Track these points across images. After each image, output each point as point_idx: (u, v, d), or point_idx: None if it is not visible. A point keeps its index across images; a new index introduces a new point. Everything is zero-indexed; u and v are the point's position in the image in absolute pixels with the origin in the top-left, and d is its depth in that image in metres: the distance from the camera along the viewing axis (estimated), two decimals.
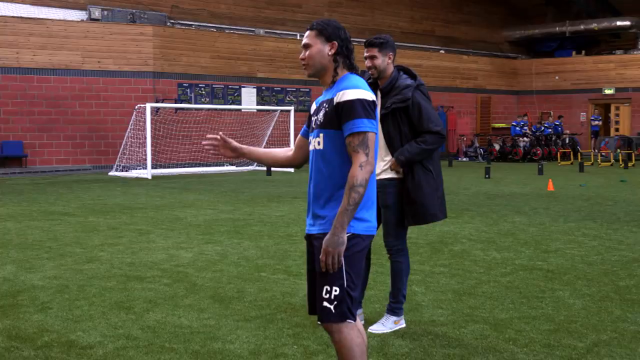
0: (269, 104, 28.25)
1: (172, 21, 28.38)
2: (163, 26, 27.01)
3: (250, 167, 25.83)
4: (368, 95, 3.62)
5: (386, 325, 5.51)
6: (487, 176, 21.30)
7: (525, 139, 31.83)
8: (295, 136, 22.61)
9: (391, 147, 5.45)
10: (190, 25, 28.78)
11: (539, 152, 31.06)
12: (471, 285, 6.97)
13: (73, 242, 9.56)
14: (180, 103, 26.12)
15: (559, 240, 9.69)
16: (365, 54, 5.55)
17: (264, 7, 31.36)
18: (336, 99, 3.62)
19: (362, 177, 3.54)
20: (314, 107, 3.92)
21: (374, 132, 3.62)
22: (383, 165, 5.51)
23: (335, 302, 3.59)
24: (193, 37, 27.08)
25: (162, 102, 25.35)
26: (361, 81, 3.68)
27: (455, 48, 37.59)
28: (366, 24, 34.69)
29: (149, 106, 22.39)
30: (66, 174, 23.39)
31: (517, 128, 32.93)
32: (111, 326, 5.61)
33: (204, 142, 4.10)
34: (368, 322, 5.71)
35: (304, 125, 4.06)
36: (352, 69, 3.76)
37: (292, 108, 25.99)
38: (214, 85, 27.23)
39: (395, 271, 5.58)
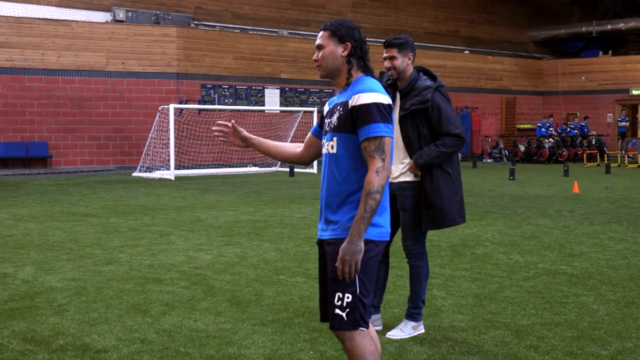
0: (292, 105, 28.21)
1: (195, 22, 28.43)
2: (187, 27, 27.07)
3: (273, 168, 25.81)
4: (384, 98, 3.53)
5: (404, 330, 5.42)
6: (511, 178, 21.08)
7: (550, 140, 31.51)
8: None
9: (409, 149, 5.35)
10: (214, 26, 28.82)
11: (564, 153, 30.73)
12: (493, 290, 6.85)
13: (93, 244, 9.55)
14: (204, 104, 26.15)
15: (584, 243, 9.53)
16: (385, 55, 5.43)
17: (287, 8, 31.32)
18: (351, 102, 3.53)
19: (379, 183, 3.45)
20: (326, 108, 3.84)
21: (391, 136, 3.53)
22: (402, 168, 5.41)
23: (348, 309, 3.51)
24: (216, 38, 27.11)
25: (185, 103, 25.40)
26: (377, 84, 3.59)
27: (480, 48, 37.33)
28: (390, 25, 34.56)
29: (172, 107, 22.43)
30: (90, 174, 23.51)
31: (543, 129, 32.62)
32: (127, 329, 5.57)
33: (214, 128, 4.03)
34: (387, 328, 5.62)
35: (315, 124, 3.98)
36: (367, 70, 3.66)
37: (315, 109, 25.93)
38: (237, 86, 27.25)
39: (414, 276, 5.48)
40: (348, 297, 3.51)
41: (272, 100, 28.09)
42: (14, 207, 13.98)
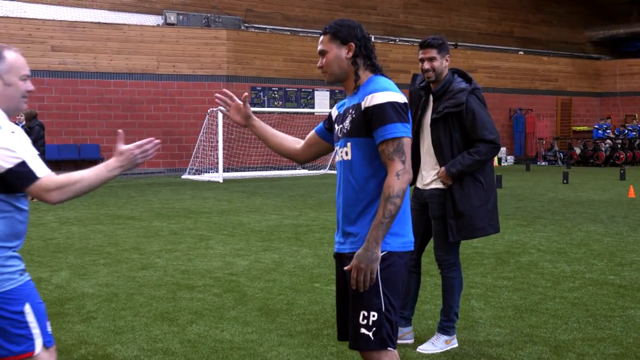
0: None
1: (246, 25, 28.46)
2: (237, 30, 27.11)
3: (322, 171, 25.66)
4: (399, 97, 3.29)
5: (437, 344, 5.17)
6: (564, 181, 20.55)
7: (607, 142, 30.72)
8: None
9: (440, 155, 5.08)
10: (264, 28, 28.81)
11: (622, 156, 29.92)
12: (534, 302, 6.54)
13: (132, 248, 9.50)
14: (253, 106, 26.12)
15: (636, 252, 9.12)
16: (422, 56, 5.17)
17: (338, 10, 31.17)
18: (364, 104, 3.30)
19: (399, 187, 3.22)
20: (334, 112, 3.63)
21: (409, 136, 3.30)
22: (433, 175, 5.17)
23: (374, 329, 3.28)
24: (266, 40, 27.09)
25: None
26: (389, 82, 3.36)
27: (535, 49, 36.64)
28: (442, 26, 34.14)
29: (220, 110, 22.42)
30: (140, 177, 23.68)
31: (600, 131, 31.86)
32: (151, 339, 5.44)
33: (216, 94, 3.82)
34: (420, 341, 5.38)
35: (321, 123, 3.76)
36: (376, 69, 3.44)
37: None
38: (286, 89, 27.18)
39: (447, 287, 5.23)
40: (374, 316, 3.28)
41: (321, 102, 27.94)
42: (61, 209, 14.08)
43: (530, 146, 33.71)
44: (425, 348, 5.18)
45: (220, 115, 22.41)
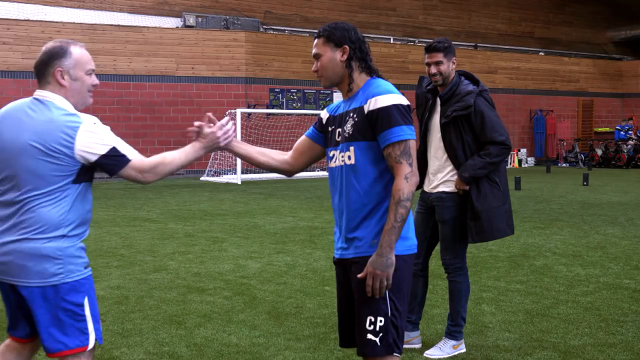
0: None
1: (264, 27, 28.49)
2: (255, 32, 27.14)
3: None
4: (402, 99, 3.28)
5: (444, 349, 5.12)
6: (585, 183, 20.36)
7: (629, 143, 30.41)
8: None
9: (454, 158, 5.03)
10: (283, 30, 28.84)
11: None
12: (546, 306, 6.47)
13: (146, 250, 9.52)
14: (272, 108, 26.16)
15: None
16: (428, 60, 5.12)
17: (357, 11, 31.13)
18: (367, 107, 3.27)
19: (409, 189, 3.21)
20: (325, 114, 3.58)
21: (415, 139, 3.28)
22: (441, 177, 5.12)
23: (381, 334, 3.25)
24: (285, 42, 27.10)
25: (253, 108, 25.46)
26: (390, 85, 3.34)
27: (556, 50, 36.37)
28: (462, 27, 34.00)
29: (239, 112, 22.48)
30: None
31: (622, 132, 31.57)
32: (158, 342, 5.43)
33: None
34: (428, 345, 5.33)
35: (312, 127, 3.68)
36: (372, 71, 3.41)
37: None
38: (305, 90, 27.17)
39: (454, 292, 5.18)
40: (380, 321, 3.26)
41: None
42: None
43: (551, 148, 33.45)
44: (432, 353, 5.13)
45: (239, 116, 22.44)
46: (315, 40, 3.42)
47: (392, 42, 31.27)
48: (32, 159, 3.19)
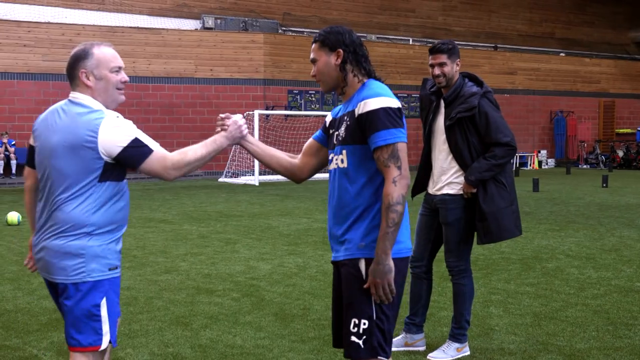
0: None
1: (283, 28, 28.55)
2: (274, 34, 27.20)
3: None
4: (392, 102, 3.25)
5: (447, 352, 5.10)
6: (604, 185, 20.20)
7: None
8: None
9: (460, 160, 5.01)
10: (302, 32, 28.87)
11: None
12: (555, 309, 6.42)
13: (159, 251, 9.56)
14: (290, 110, 26.20)
15: None
16: (432, 61, 5.11)
17: (376, 13, 31.11)
18: (357, 110, 3.26)
19: (398, 193, 3.18)
20: (329, 118, 3.59)
21: (404, 141, 3.24)
22: (444, 179, 5.10)
23: (365, 337, 3.25)
24: (303, 43, 27.13)
25: (272, 109, 25.50)
26: (383, 87, 3.31)
27: (577, 50, 36.12)
28: (482, 28, 33.87)
29: (256, 113, 22.54)
30: (177, 180, 23.84)
31: None
32: (163, 344, 5.46)
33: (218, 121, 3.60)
34: (434, 348, 5.31)
35: (318, 130, 3.68)
36: (369, 74, 3.39)
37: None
38: (324, 92, 27.16)
39: (458, 294, 5.16)
40: (364, 324, 3.25)
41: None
42: None
43: (571, 149, 33.23)
44: (435, 355, 5.11)
45: (256, 118, 22.50)
46: (312, 45, 3.42)
47: (411, 43, 31.20)
48: (60, 159, 3.29)
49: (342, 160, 3.36)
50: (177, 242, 10.33)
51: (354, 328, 3.27)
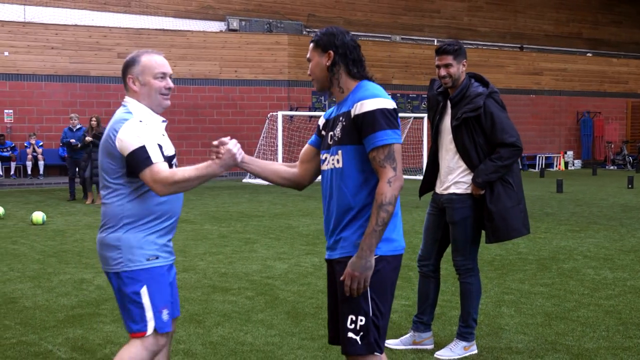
0: (404, 111, 27.93)
1: (307, 30, 28.64)
2: (298, 35, 27.30)
3: None
4: (388, 103, 3.30)
5: (454, 350, 5.14)
6: (629, 186, 20.04)
7: None
8: (429, 144, 21.81)
9: (467, 160, 5.04)
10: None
11: None
12: (567, 309, 6.42)
13: (178, 250, 9.66)
14: (314, 111, 26.28)
15: None
16: (438, 62, 5.16)
17: (401, 14, 31.10)
18: (354, 111, 3.31)
19: (391, 194, 3.23)
20: (322, 121, 3.65)
21: (400, 142, 3.30)
22: (451, 179, 5.14)
23: (362, 333, 3.30)
24: None
25: (296, 110, 25.60)
26: (378, 88, 3.36)
27: (604, 50, 35.81)
28: (508, 28, 33.71)
29: (280, 114, 22.65)
30: None
31: None
32: (175, 340, 5.54)
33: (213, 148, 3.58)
34: (442, 346, 5.35)
35: (313, 135, 3.73)
36: (362, 76, 3.43)
37: (426, 115, 25.55)
38: None
39: (465, 293, 5.19)
40: (361, 320, 3.31)
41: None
42: None
43: (598, 150, 32.97)
44: (442, 354, 5.15)
45: (280, 119, 22.60)
46: (309, 45, 3.49)
47: (435, 44, 31.14)
48: (102, 157, 3.54)
49: (337, 161, 3.41)
50: (197, 242, 10.44)
51: (351, 324, 3.32)
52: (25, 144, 23.41)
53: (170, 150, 3.65)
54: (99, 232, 3.58)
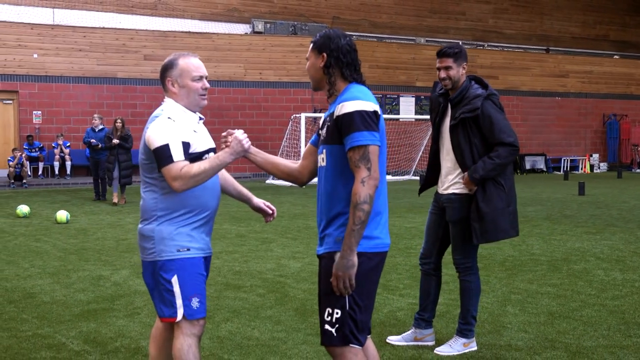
0: (427, 113, 27.94)
1: None
2: None
3: (406, 177, 25.67)
4: (368, 105, 3.41)
5: (454, 347, 5.25)
6: None
7: None
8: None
9: (461, 160, 5.17)
10: (351, 35, 28.99)
11: None
12: (572, 308, 6.50)
13: None
14: None
15: None
16: (439, 65, 5.29)
17: (426, 16, 31.15)
18: (336, 112, 3.45)
19: (365, 193, 3.33)
20: (322, 119, 3.79)
21: (377, 144, 3.40)
22: (451, 179, 5.26)
23: (337, 325, 3.43)
24: None
25: (319, 112, 25.76)
26: (362, 91, 3.48)
27: (631, 53, 35.54)
28: (534, 30, 33.62)
29: (303, 116, 22.82)
30: None
31: None
32: None
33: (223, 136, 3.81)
34: (443, 343, 5.46)
35: (315, 133, 3.88)
36: (354, 78, 3.55)
37: None
38: None
39: (464, 291, 5.30)
40: (337, 313, 3.44)
41: (407, 108, 27.95)
42: None
43: (624, 153, 32.73)
44: (442, 350, 5.27)
45: (303, 121, 22.78)
46: (309, 46, 3.65)
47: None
48: (140, 153, 3.80)
49: (323, 159, 3.56)
50: (215, 241, 10.62)
51: (327, 317, 3.46)
52: (53, 145, 23.82)
53: (203, 145, 3.81)
54: (139, 224, 3.85)
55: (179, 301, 3.72)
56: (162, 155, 3.59)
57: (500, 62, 30.35)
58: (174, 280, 3.70)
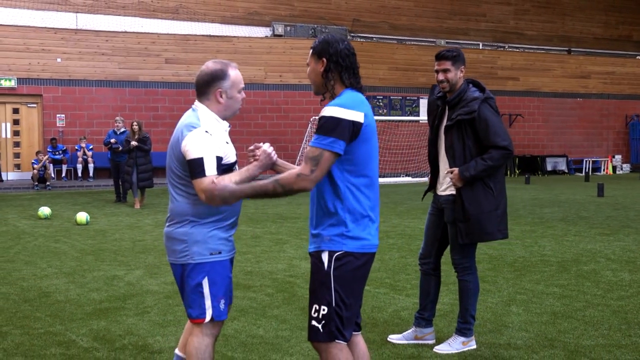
0: None
1: (352, 34, 28.89)
2: None
3: (425, 179, 25.68)
4: (348, 114, 3.47)
5: (452, 345, 5.35)
6: None
7: None
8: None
9: (452, 160, 5.26)
10: (371, 38, 29.16)
11: None
12: (576, 309, 6.56)
13: None
14: None
15: None
16: (437, 67, 5.38)
17: (446, 18, 31.15)
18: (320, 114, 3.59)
19: (289, 183, 3.47)
20: None
21: (335, 152, 3.44)
22: (449, 181, 5.36)
23: (324, 321, 3.55)
24: (371, 49, 27.42)
25: None
26: (349, 98, 3.56)
27: None
28: (555, 31, 33.48)
29: None
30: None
31: None
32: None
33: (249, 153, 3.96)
34: (443, 341, 5.55)
35: None
36: (352, 84, 3.64)
37: None
38: (391, 97, 27.41)
39: (462, 290, 5.39)
40: (323, 310, 3.55)
41: (426, 110, 27.97)
42: (161, 213, 14.89)
43: None
44: (441, 348, 5.36)
45: None
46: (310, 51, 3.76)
47: (480, 47, 31.12)
48: (170, 158, 3.84)
49: None
50: None
51: (314, 313, 3.59)
52: (76, 147, 24.14)
53: (233, 156, 3.90)
54: (166, 225, 3.89)
55: (208, 302, 3.81)
56: (195, 167, 3.65)
57: (521, 64, 30.28)
58: (205, 282, 3.78)
